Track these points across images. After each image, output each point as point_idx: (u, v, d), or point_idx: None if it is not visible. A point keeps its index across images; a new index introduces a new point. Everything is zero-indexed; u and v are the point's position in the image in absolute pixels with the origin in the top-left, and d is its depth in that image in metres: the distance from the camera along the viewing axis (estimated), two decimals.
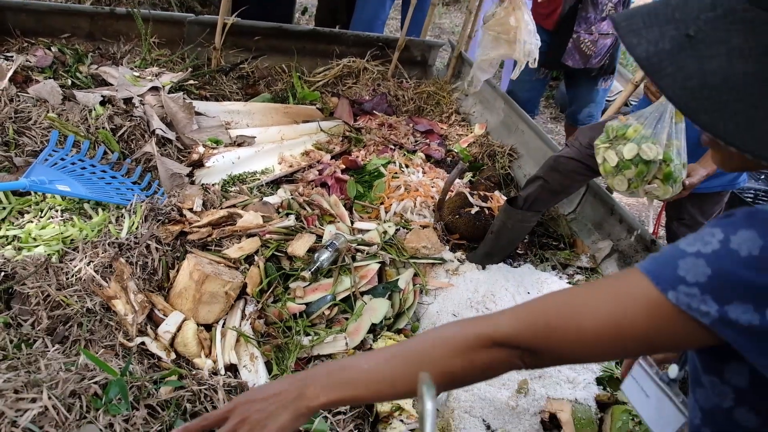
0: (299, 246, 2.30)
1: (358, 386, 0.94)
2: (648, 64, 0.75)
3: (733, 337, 0.71)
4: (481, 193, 2.85)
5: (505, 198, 2.84)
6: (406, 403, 1.89)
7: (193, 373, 1.83)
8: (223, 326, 2.03)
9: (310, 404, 0.95)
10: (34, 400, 1.45)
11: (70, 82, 3.05)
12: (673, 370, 1.08)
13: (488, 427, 1.96)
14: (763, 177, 4.05)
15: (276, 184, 2.82)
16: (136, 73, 3.15)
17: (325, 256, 2.24)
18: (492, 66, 3.11)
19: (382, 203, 2.83)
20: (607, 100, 4.09)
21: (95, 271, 2.01)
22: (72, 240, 2.17)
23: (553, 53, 3.52)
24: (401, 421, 1.85)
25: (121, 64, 3.27)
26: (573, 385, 2.05)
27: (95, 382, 1.56)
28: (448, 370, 0.91)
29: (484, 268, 2.55)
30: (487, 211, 2.71)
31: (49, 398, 1.46)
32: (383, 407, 1.86)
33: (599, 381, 2.10)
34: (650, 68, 0.75)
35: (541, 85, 3.96)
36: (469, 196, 2.74)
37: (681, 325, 0.74)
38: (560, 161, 2.31)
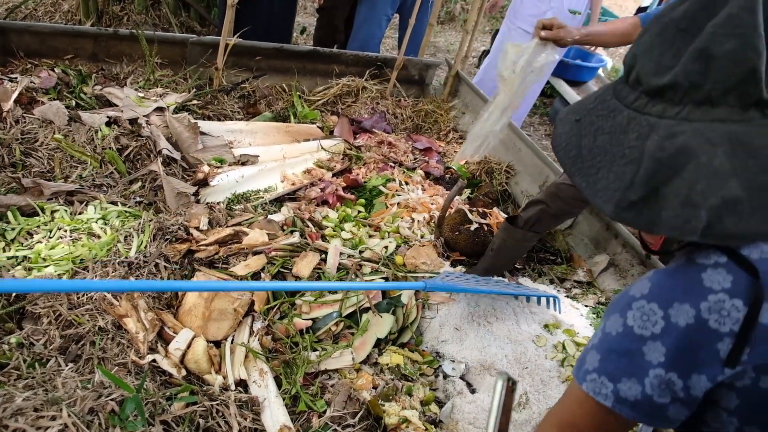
0: (304, 266, 2.35)
1: None
2: (553, 143, 0.99)
3: (631, 414, 0.86)
4: (480, 209, 2.91)
5: (504, 215, 2.90)
6: (413, 416, 1.93)
7: (204, 389, 1.87)
8: (232, 343, 2.07)
9: None
10: (54, 418, 1.49)
11: (74, 103, 3.11)
12: None
13: None
14: None
15: (279, 201, 2.88)
16: (141, 94, 3.20)
17: None
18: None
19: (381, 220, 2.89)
20: None
21: None
22: (81, 260, 2.21)
23: None
24: None
25: (125, 85, 3.33)
26: None
27: (112, 399, 1.60)
28: None
29: None
30: (486, 228, 2.77)
31: (69, 416, 1.50)
32: (390, 419, 1.91)
33: None
34: (553, 143, 0.99)
35: None
36: (468, 212, 2.80)
37: (599, 414, 0.90)
38: (562, 188, 2.38)
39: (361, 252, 2.60)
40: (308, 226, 2.66)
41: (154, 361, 1.93)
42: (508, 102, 2.15)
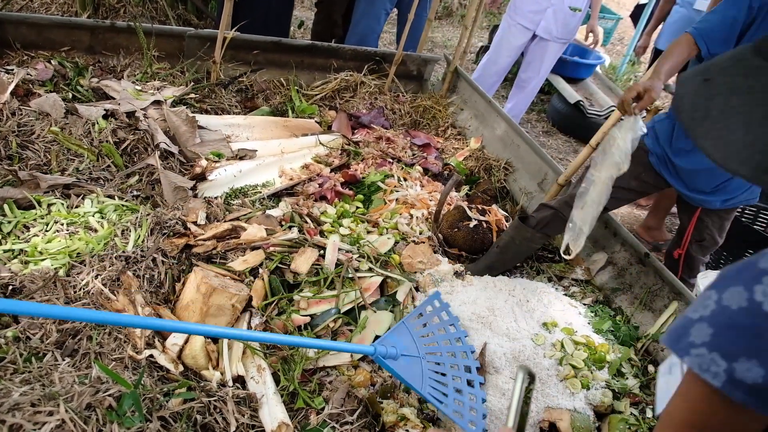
0: (302, 262, 2.33)
1: None
2: (675, 104, 0.92)
3: (743, 398, 0.73)
4: (479, 206, 2.90)
5: (503, 212, 2.89)
6: (411, 413, 1.93)
7: (202, 385, 1.86)
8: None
9: None
10: (51, 413, 1.48)
11: (71, 96, 3.08)
12: None
13: None
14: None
15: (277, 197, 2.86)
16: (138, 87, 3.18)
17: None
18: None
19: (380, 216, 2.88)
20: None
21: (103, 285, 2.04)
22: (78, 253, 2.19)
23: None
24: (406, 431, 1.89)
25: (123, 78, 3.31)
26: (572, 395, 2.10)
27: (109, 395, 1.59)
28: None
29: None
30: (485, 224, 2.77)
31: (66, 411, 1.49)
32: (389, 417, 1.90)
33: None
34: (674, 104, 0.92)
35: None
36: (467, 209, 2.80)
37: (703, 395, 0.78)
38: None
39: (360, 248, 2.59)
40: (306, 222, 2.65)
41: (151, 356, 1.92)
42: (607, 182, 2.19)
